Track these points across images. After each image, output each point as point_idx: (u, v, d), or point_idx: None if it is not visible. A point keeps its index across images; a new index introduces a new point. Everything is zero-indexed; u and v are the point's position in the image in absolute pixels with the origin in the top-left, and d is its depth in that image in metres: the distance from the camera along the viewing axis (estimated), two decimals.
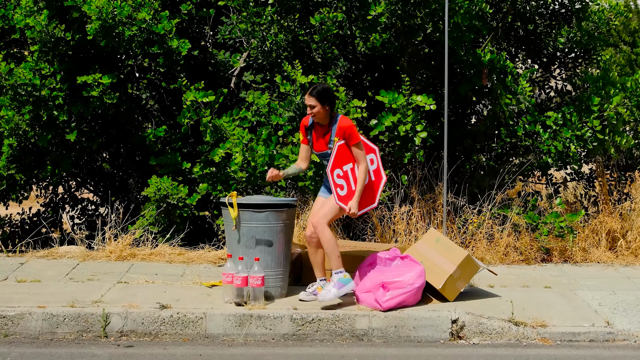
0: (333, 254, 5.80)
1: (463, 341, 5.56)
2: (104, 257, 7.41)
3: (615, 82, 8.34)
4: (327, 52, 8.24)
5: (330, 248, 5.81)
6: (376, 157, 6.09)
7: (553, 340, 5.53)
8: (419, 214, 7.93)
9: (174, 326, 5.54)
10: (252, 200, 6.05)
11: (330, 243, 5.80)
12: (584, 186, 9.57)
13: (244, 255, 5.92)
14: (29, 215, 9.84)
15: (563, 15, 9.17)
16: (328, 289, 5.74)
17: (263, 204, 5.98)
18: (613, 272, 7.47)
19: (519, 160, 8.48)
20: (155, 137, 8.02)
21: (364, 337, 5.55)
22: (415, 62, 8.29)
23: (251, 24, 8.00)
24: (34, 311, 5.54)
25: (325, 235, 5.80)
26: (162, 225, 7.84)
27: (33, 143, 8.24)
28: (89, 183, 9.73)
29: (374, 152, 6.09)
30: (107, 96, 7.78)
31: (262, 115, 7.71)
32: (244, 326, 5.54)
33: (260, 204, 5.98)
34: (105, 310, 5.55)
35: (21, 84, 7.68)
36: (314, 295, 5.96)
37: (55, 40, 7.70)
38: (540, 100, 9.43)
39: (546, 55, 9.34)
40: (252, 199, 6.10)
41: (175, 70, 7.88)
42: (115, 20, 7.48)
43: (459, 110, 8.83)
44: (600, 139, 8.18)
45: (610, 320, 5.74)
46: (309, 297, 5.96)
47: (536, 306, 6.01)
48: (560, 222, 7.81)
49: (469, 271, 6.10)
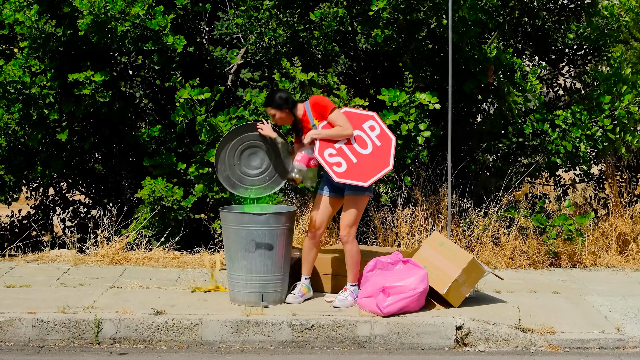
0: (354, 268, 6.04)
1: (468, 348, 5.57)
2: (96, 261, 7.42)
3: (626, 79, 8.35)
4: (327, 49, 8.25)
5: (353, 262, 6.03)
6: (376, 122, 6.01)
7: (561, 347, 5.54)
8: (422, 217, 7.94)
9: (168, 333, 5.55)
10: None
11: (355, 258, 6.02)
12: (594, 188, 9.57)
13: (244, 259, 5.94)
14: (18, 218, 9.84)
15: (572, 10, 9.18)
16: (345, 297, 5.96)
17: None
18: (624, 276, 7.48)
19: (526, 161, 8.49)
20: (149, 137, 8.03)
21: (366, 344, 5.56)
22: (419, 58, 8.30)
23: (248, 18, 8.01)
24: (23, 317, 5.56)
25: (353, 250, 6.00)
26: (156, 229, 7.85)
27: (23, 143, 8.24)
28: (80, 184, 9.73)
29: (372, 118, 6.01)
30: (99, 94, 7.79)
31: (260, 114, 7.72)
32: (241, 333, 5.55)
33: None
34: (98, 317, 5.56)
35: (10, 82, 7.68)
36: (300, 297, 6.03)
37: (45, 36, 7.70)
38: (548, 98, 9.44)
39: (554, 51, 9.35)
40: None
41: (170, 67, 7.89)
42: (107, 15, 7.48)
43: (464, 108, 8.84)
44: (610, 138, 8.19)
45: (621, 327, 5.75)
46: (297, 299, 6.01)
47: (544, 312, 6.02)
48: (569, 225, 7.82)
49: (474, 275, 6.11)
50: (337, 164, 5.85)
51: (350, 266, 6.04)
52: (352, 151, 5.90)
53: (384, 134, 5.99)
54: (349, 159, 5.87)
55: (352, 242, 5.98)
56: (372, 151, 5.93)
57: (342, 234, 5.99)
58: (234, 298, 6.05)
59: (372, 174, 5.89)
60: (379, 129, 6.00)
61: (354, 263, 6.02)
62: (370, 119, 6.02)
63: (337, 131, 5.88)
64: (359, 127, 5.97)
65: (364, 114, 6.05)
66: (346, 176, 5.84)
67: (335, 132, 5.88)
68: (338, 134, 5.88)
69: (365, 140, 5.95)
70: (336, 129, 5.88)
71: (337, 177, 5.83)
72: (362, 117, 6.02)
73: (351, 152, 5.90)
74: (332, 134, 5.88)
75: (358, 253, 6.02)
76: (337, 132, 5.88)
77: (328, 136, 5.89)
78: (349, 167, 5.85)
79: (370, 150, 5.94)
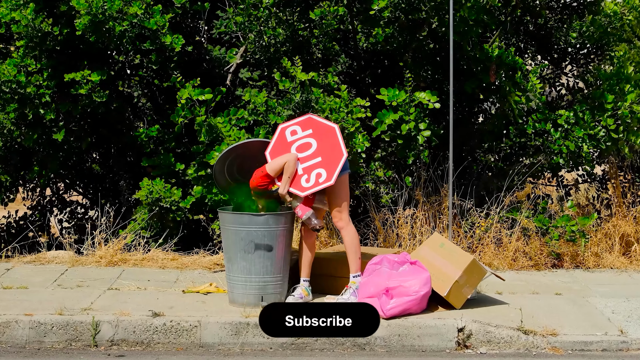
0: (356, 255, 6.00)
1: (470, 350, 5.57)
2: (94, 262, 7.43)
3: (630, 78, 8.36)
4: (327, 48, 8.26)
5: (353, 248, 5.99)
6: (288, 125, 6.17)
7: (564, 349, 5.55)
8: (423, 217, 7.94)
9: (167, 335, 5.56)
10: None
11: (354, 242, 5.99)
12: (597, 188, 9.58)
13: (244, 260, 5.94)
14: (15, 219, 9.85)
15: (575, 9, 9.18)
16: (346, 298, 5.97)
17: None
18: (627, 278, 7.49)
19: (528, 161, 8.49)
20: (147, 137, 8.03)
21: (366, 346, 5.57)
22: (420, 58, 8.30)
23: (248, 17, 8.02)
24: (20, 319, 5.56)
25: (351, 233, 5.99)
26: (154, 230, 7.86)
27: (19, 143, 8.25)
28: (78, 185, 9.74)
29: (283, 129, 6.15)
30: (96, 94, 7.79)
31: (260, 114, 7.72)
32: (240, 335, 5.56)
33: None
34: (95, 318, 5.56)
35: (5, 81, 7.69)
36: (300, 299, 6.04)
37: (42, 35, 7.70)
38: (550, 98, 9.44)
39: (557, 51, 9.35)
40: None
41: (169, 67, 7.89)
42: (105, 15, 7.49)
43: (466, 108, 8.85)
44: (614, 138, 8.20)
45: (624, 329, 5.76)
46: (297, 301, 6.01)
47: (546, 314, 6.03)
48: (571, 226, 7.82)
49: (475, 276, 6.11)
50: (318, 176, 5.97)
51: (351, 253, 6.00)
52: (309, 158, 6.03)
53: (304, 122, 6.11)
54: (316, 164, 6.00)
55: (347, 225, 5.98)
56: (316, 141, 6.05)
57: (335, 221, 6.02)
58: (233, 299, 6.05)
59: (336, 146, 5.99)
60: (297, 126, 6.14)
61: (354, 249, 6.00)
62: (283, 130, 6.17)
63: (288, 167, 5.98)
64: (287, 144, 6.11)
65: (277, 136, 6.17)
66: (332, 168, 5.93)
67: (288, 169, 5.98)
68: (291, 167, 5.98)
69: (302, 142, 6.10)
70: (286, 167, 5.97)
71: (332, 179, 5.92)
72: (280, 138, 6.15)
73: (311, 159, 6.02)
74: (289, 172, 5.98)
75: (357, 237, 6.02)
76: (289, 168, 5.98)
77: (290, 176, 5.98)
78: (325, 166, 5.96)
79: (315, 142, 6.06)
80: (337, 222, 6.02)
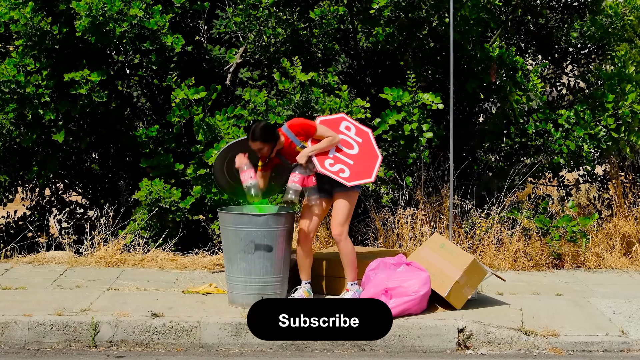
0: (352, 266, 6.04)
1: (470, 351, 5.57)
2: (93, 263, 7.43)
3: (631, 78, 8.36)
4: (327, 48, 8.26)
5: (350, 261, 6.04)
6: (348, 121, 6.23)
7: (565, 350, 5.55)
8: (424, 218, 7.94)
9: (166, 335, 5.56)
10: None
11: (351, 256, 6.03)
12: (598, 188, 9.58)
13: (243, 260, 5.94)
14: (14, 219, 9.85)
15: (576, 8, 9.19)
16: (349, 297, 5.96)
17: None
18: (628, 278, 7.49)
19: (529, 161, 8.50)
20: (146, 137, 8.03)
21: (366, 346, 5.57)
22: (420, 57, 8.31)
23: (247, 17, 8.02)
24: (19, 320, 5.56)
25: (348, 248, 6.02)
26: (154, 230, 7.86)
27: (18, 143, 8.25)
28: (77, 185, 9.74)
29: (343, 119, 6.22)
30: (95, 94, 7.79)
31: (260, 113, 7.72)
32: (240, 335, 5.56)
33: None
34: (95, 319, 5.57)
35: (4, 81, 7.69)
36: None
37: (41, 34, 7.71)
38: (551, 98, 9.45)
39: (558, 50, 9.36)
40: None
41: (168, 67, 7.89)
42: (105, 16, 7.49)
43: (466, 108, 8.85)
44: (615, 138, 8.20)
45: (625, 329, 5.76)
46: None
47: (547, 314, 6.03)
48: (572, 226, 7.83)
49: (475, 277, 6.12)
50: (340, 171, 5.99)
51: (348, 265, 6.06)
52: (345, 155, 6.07)
53: (360, 130, 6.23)
54: (346, 162, 6.04)
55: (345, 240, 6.01)
56: (359, 149, 6.13)
57: (335, 233, 6.02)
58: (233, 300, 6.05)
59: (370, 168, 6.08)
60: (353, 127, 6.22)
61: (351, 261, 6.05)
62: (342, 120, 6.23)
63: (327, 142, 6.01)
64: (338, 131, 6.15)
65: (336, 118, 6.24)
66: (354, 178, 5.99)
67: (326, 143, 6.01)
68: (329, 144, 6.02)
69: (349, 141, 6.15)
70: (326, 141, 6.01)
71: (348, 183, 5.95)
72: (336, 121, 6.21)
73: (345, 156, 6.07)
74: (324, 146, 6.00)
75: (353, 251, 6.07)
76: (328, 143, 6.01)
77: (321, 149, 5.99)
78: (351, 170, 6.01)
79: (358, 149, 6.13)
80: (336, 235, 6.02)
